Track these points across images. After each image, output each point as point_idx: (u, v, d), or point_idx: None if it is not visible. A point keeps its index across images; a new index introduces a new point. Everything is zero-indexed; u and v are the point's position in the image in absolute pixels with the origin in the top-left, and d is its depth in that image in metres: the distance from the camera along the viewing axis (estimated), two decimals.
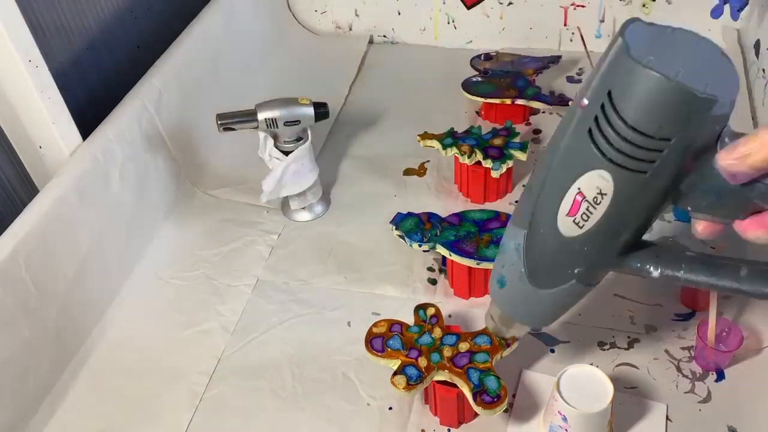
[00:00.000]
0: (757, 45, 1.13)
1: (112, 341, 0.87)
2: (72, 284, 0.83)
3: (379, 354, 0.72)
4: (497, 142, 0.98)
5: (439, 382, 0.71)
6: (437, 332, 0.74)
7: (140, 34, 1.12)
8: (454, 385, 0.71)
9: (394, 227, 0.87)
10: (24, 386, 0.77)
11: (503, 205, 1.00)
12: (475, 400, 0.67)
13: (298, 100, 0.93)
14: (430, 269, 0.92)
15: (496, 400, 0.67)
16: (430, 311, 0.77)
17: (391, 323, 0.75)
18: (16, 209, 0.85)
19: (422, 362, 0.70)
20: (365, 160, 1.11)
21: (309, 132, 0.96)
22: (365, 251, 0.96)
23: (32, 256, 0.77)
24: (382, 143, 1.14)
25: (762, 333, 0.80)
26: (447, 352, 0.72)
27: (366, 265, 0.94)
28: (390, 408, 0.77)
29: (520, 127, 1.13)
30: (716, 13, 1.03)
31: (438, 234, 0.85)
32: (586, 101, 0.48)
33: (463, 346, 0.72)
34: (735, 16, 1.03)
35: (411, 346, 0.72)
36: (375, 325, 0.75)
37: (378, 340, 0.73)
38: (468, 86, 1.13)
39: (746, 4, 1.04)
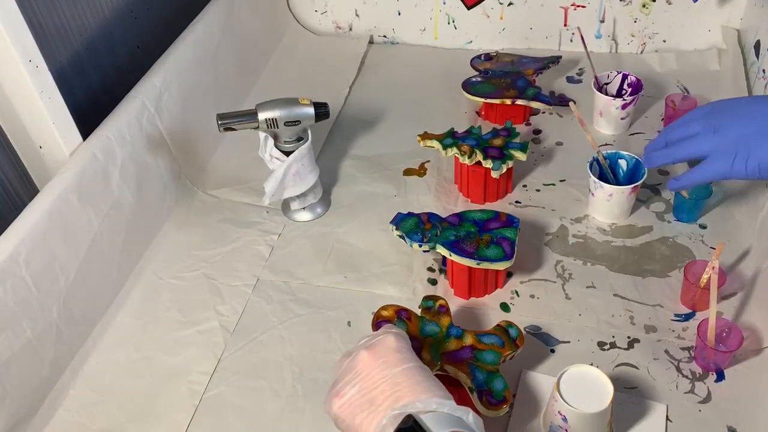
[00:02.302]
0: (757, 45, 1.13)
1: (112, 341, 0.87)
2: (72, 284, 0.83)
3: None
4: (497, 142, 0.98)
5: (437, 377, 0.71)
6: (445, 321, 0.74)
7: (140, 34, 1.12)
8: (455, 385, 0.71)
9: (394, 227, 0.87)
10: (25, 385, 0.77)
11: (503, 205, 1.00)
12: (480, 399, 0.68)
13: (298, 100, 0.93)
14: (430, 269, 0.92)
15: (501, 401, 0.68)
16: (439, 302, 0.77)
17: (399, 309, 0.75)
18: (16, 209, 0.85)
19: (425, 356, 0.71)
20: (365, 160, 1.11)
21: (309, 132, 0.96)
22: (365, 251, 0.96)
23: (33, 255, 0.77)
24: (382, 143, 1.14)
25: (762, 333, 0.80)
26: (452, 345, 0.72)
27: (366, 265, 0.94)
28: None
29: (520, 128, 1.13)
30: None
31: (438, 234, 0.85)
32: None
33: (468, 339, 0.72)
34: None
35: (415, 336, 0.73)
36: (383, 308, 0.76)
37: (384, 324, 0.74)
38: (468, 86, 1.13)
39: None
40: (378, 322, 0.75)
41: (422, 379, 0.60)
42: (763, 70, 1.08)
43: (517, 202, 1.01)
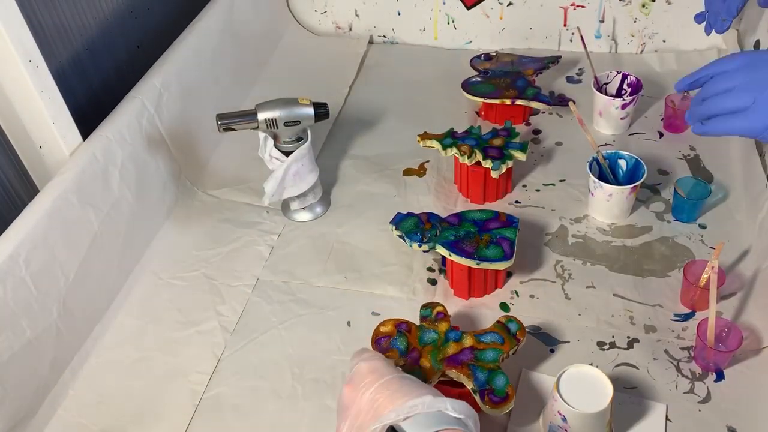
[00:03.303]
0: (756, 45, 1.13)
1: (112, 341, 0.87)
2: (72, 284, 0.83)
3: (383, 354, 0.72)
4: (497, 142, 0.98)
5: (441, 382, 0.71)
6: (442, 326, 0.74)
7: (140, 34, 1.12)
8: (456, 385, 0.71)
9: (394, 227, 0.87)
10: (25, 386, 0.77)
11: (503, 205, 1.00)
12: (483, 398, 0.68)
13: (298, 100, 0.93)
14: (430, 269, 0.92)
15: (504, 398, 0.68)
16: (437, 309, 0.77)
17: (398, 322, 0.75)
18: (16, 209, 0.85)
19: (425, 363, 0.71)
20: (365, 160, 1.11)
21: (309, 132, 0.96)
22: (365, 251, 0.96)
23: (32, 256, 0.77)
24: (382, 143, 1.14)
25: (761, 333, 0.80)
26: (451, 349, 0.72)
27: (366, 265, 0.94)
28: None
29: (519, 128, 1.13)
30: (699, 18, 1.03)
31: (438, 234, 0.85)
32: None
33: (468, 341, 0.72)
34: (708, 31, 1.02)
35: (414, 347, 0.72)
36: (382, 324, 0.75)
37: (384, 340, 0.74)
38: (468, 86, 1.13)
39: (725, 29, 1.00)
40: (377, 339, 0.74)
41: (398, 387, 0.60)
42: None
43: (516, 202, 1.01)
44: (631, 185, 0.91)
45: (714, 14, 0.96)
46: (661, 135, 1.10)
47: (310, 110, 0.92)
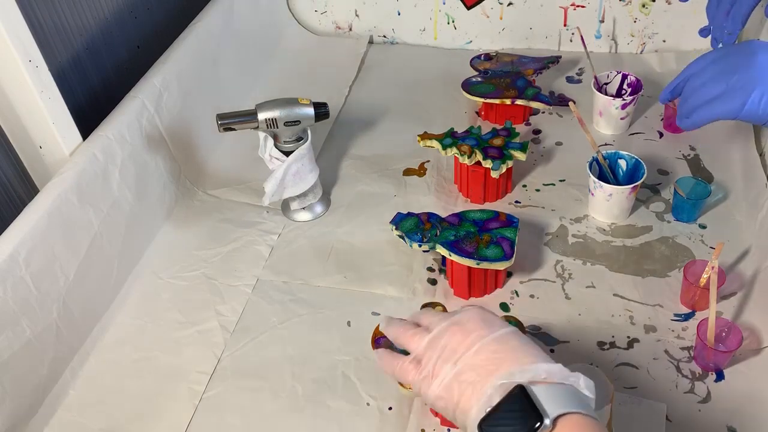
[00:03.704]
0: None
1: (112, 341, 0.87)
2: (72, 284, 0.83)
3: None
4: (497, 142, 0.98)
5: None
6: None
7: (140, 34, 1.12)
8: None
9: (394, 227, 0.87)
10: (24, 385, 0.77)
11: (503, 205, 1.00)
12: None
13: (298, 100, 0.93)
14: (430, 269, 0.92)
15: None
16: (437, 309, 0.77)
17: None
18: (16, 209, 0.85)
19: None
20: (365, 160, 1.11)
21: (309, 132, 0.96)
22: (365, 251, 0.96)
23: (32, 255, 0.77)
24: (382, 143, 1.14)
25: (762, 333, 0.80)
26: None
27: (366, 265, 0.94)
28: (390, 408, 0.77)
29: (519, 128, 1.13)
30: (704, 33, 1.02)
31: (438, 234, 0.85)
32: None
33: None
34: (714, 45, 0.99)
35: None
36: None
37: (384, 340, 0.73)
38: (468, 86, 1.13)
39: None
40: (377, 339, 0.74)
41: (518, 345, 0.54)
42: None
43: (516, 202, 1.01)
44: (631, 185, 0.91)
45: (718, 28, 0.96)
46: (661, 135, 1.10)
47: (310, 110, 0.92)
